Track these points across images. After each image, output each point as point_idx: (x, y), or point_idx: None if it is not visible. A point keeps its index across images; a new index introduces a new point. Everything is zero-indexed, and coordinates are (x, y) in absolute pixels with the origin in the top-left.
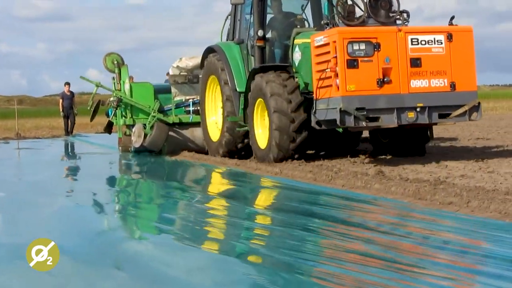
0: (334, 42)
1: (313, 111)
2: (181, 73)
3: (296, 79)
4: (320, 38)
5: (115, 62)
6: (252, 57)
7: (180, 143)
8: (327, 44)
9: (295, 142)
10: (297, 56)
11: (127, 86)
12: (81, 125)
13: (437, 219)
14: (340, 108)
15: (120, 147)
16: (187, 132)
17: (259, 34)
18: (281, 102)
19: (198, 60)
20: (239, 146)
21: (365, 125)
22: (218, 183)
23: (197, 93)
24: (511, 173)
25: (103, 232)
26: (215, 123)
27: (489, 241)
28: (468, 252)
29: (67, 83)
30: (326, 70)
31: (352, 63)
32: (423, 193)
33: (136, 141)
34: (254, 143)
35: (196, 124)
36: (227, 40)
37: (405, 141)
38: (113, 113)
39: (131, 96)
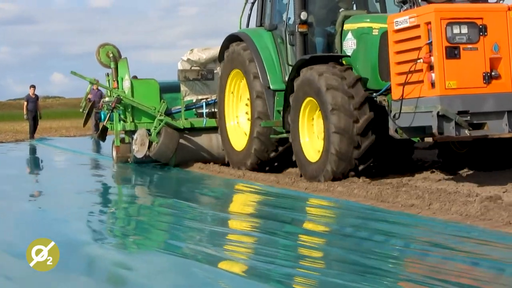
0: (428, 23)
1: (392, 114)
2: (193, 68)
3: None
4: (404, 19)
5: (111, 55)
6: (291, 47)
7: (191, 153)
8: (415, 27)
9: (359, 148)
10: (349, 44)
11: (126, 84)
12: (45, 129)
13: (399, 221)
14: (438, 112)
15: (116, 157)
16: (199, 139)
17: (302, 17)
18: (341, 97)
19: (213, 52)
20: (271, 155)
21: (468, 134)
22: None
23: (211, 92)
24: None
25: (64, 236)
26: (237, 127)
27: (450, 243)
28: (429, 254)
29: (33, 86)
30: (418, 61)
31: (452, 52)
32: (385, 196)
33: (139, 150)
34: (300, 156)
35: (210, 130)
36: (247, 27)
37: (492, 152)
38: (107, 117)
39: (132, 95)
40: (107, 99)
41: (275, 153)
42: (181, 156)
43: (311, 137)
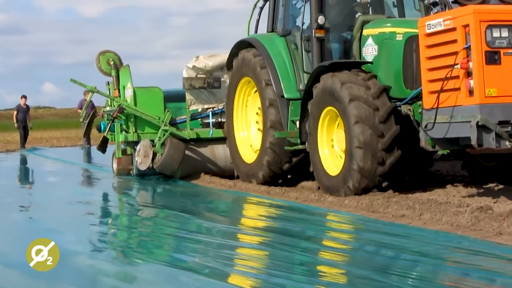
0: (466, 26)
1: (424, 125)
2: (198, 76)
3: None
4: (437, 22)
5: (111, 63)
6: (306, 53)
7: (197, 165)
8: (451, 30)
9: (384, 164)
10: (370, 50)
11: (129, 92)
12: (36, 139)
13: (390, 231)
14: (477, 122)
15: (117, 170)
16: (205, 151)
17: (319, 21)
18: (366, 110)
19: (220, 59)
20: (285, 167)
21: (509, 146)
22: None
23: (217, 100)
24: None
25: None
26: (247, 139)
27: (441, 253)
28: (419, 264)
29: (24, 96)
30: (454, 67)
31: (492, 57)
32: (376, 206)
33: (142, 162)
34: (318, 168)
35: (217, 141)
36: (255, 32)
37: None
38: (108, 127)
39: (135, 104)
40: (108, 108)
41: (288, 165)
42: (187, 169)
43: (331, 149)
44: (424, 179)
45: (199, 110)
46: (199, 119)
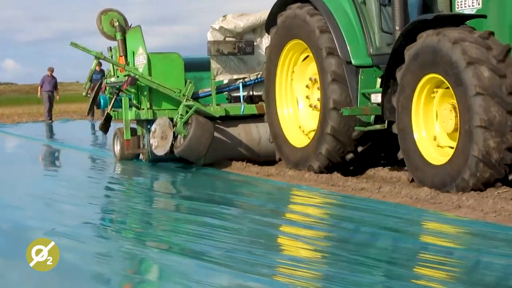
0: None
1: None
2: (227, 38)
3: None
4: None
5: (116, 24)
6: (382, 8)
7: (225, 148)
8: None
9: None
10: (469, 3)
11: (141, 59)
12: None
13: (349, 204)
14: None
15: (119, 154)
16: (235, 131)
17: None
18: (490, 76)
19: (252, 19)
20: (348, 157)
21: None
22: None
23: (249, 69)
24: None
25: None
26: (293, 118)
27: (400, 226)
28: (379, 237)
29: None
30: None
31: None
32: (335, 180)
33: (159, 145)
34: (412, 155)
35: (249, 119)
36: None
37: None
38: (112, 102)
39: (149, 74)
40: (113, 79)
41: (352, 155)
42: (212, 153)
43: (430, 129)
44: None
45: (225, 82)
46: (226, 93)
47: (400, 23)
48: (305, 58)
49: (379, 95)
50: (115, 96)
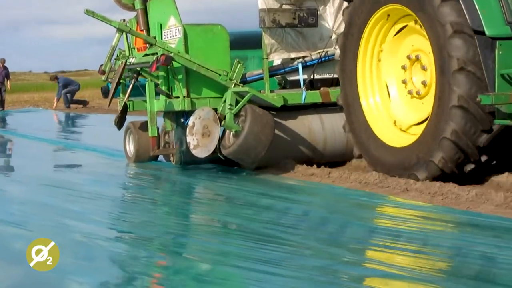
0: None
1: None
2: (284, 6)
3: None
4: None
5: None
6: None
7: (282, 148)
8: None
9: None
10: None
11: (173, 33)
12: None
13: (300, 189)
14: None
15: (134, 154)
16: (294, 125)
17: None
18: None
19: None
20: (467, 168)
21: None
22: None
23: (310, 46)
24: None
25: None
26: (383, 109)
27: (349, 210)
28: (328, 221)
29: None
30: None
31: None
32: (285, 167)
33: (200, 144)
34: None
35: (310, 109)
36: None
37: None
38: (130, 89)
39: (186, 51)
40: (133, 59)
41: (473, 166)
42: (265, 154)
43: None
44: None
45: (279, 62)
46: (277, 77)
47: None
48: (399, 31)
49: None
50: (133, 81)
